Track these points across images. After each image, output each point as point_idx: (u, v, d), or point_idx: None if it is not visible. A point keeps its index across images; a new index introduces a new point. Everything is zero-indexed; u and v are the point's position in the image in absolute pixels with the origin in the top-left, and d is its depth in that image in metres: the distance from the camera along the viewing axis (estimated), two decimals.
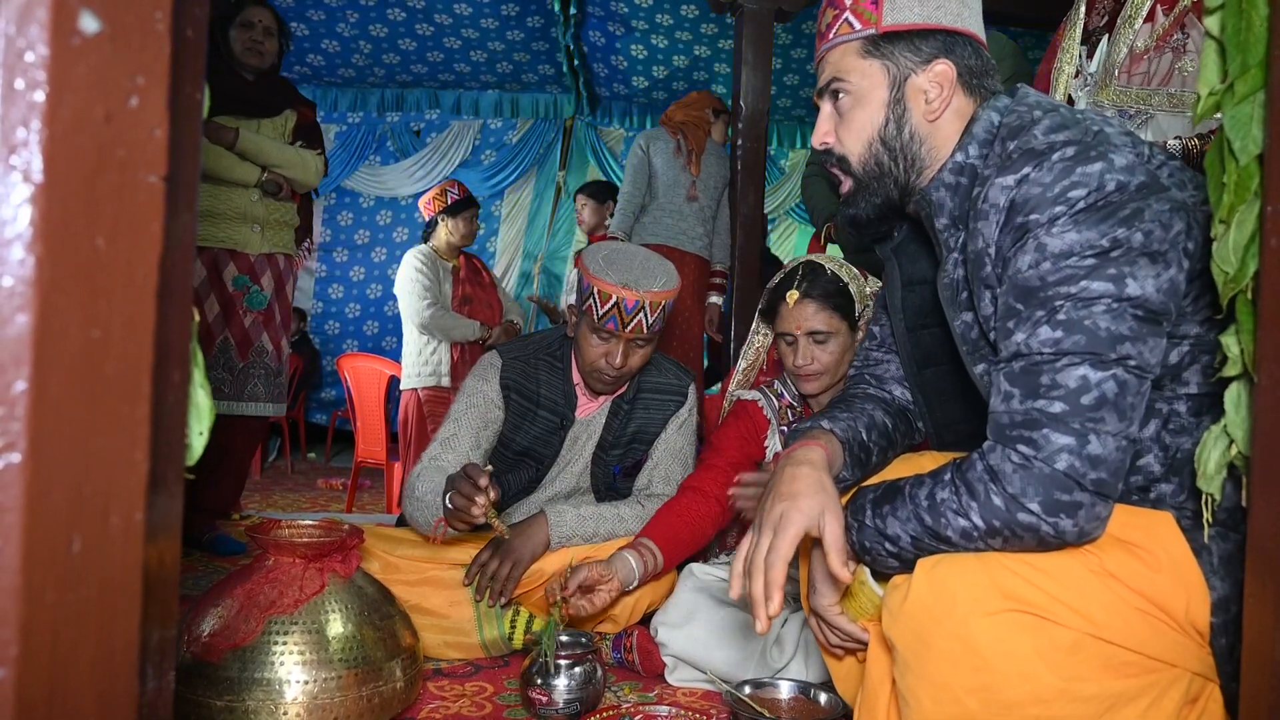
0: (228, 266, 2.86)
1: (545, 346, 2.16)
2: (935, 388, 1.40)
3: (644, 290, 1.92)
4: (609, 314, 1.93)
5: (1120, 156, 1.05)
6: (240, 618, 1.49)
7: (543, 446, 2.16)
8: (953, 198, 1.19)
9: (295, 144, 2.95)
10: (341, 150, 6.83)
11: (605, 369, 2.01)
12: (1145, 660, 1.01)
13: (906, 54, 1.21)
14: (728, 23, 5.65)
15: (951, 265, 1.21)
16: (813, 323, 1.97)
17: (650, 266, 1.98)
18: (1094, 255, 1.01)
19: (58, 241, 0.47)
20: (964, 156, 1.19)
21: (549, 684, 1.62)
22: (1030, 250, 1.05)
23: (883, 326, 1.50)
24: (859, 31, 1.23)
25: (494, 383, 2.11)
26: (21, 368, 0.46)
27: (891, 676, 1.16)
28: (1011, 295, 1.07)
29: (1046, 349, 1.03)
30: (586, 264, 1.98)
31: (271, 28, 2.91)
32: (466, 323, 3.87)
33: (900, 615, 1.08)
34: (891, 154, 1.24)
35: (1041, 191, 1.04)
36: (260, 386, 2.94)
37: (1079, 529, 1.01)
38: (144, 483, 0.53)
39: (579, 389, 2.15)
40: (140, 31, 0.51)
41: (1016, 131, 1.13)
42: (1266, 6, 0.83)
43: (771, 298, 2.07)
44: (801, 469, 1.19)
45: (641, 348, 2.02)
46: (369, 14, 5.82)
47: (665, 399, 2.20)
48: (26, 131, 0.46)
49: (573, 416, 2.15)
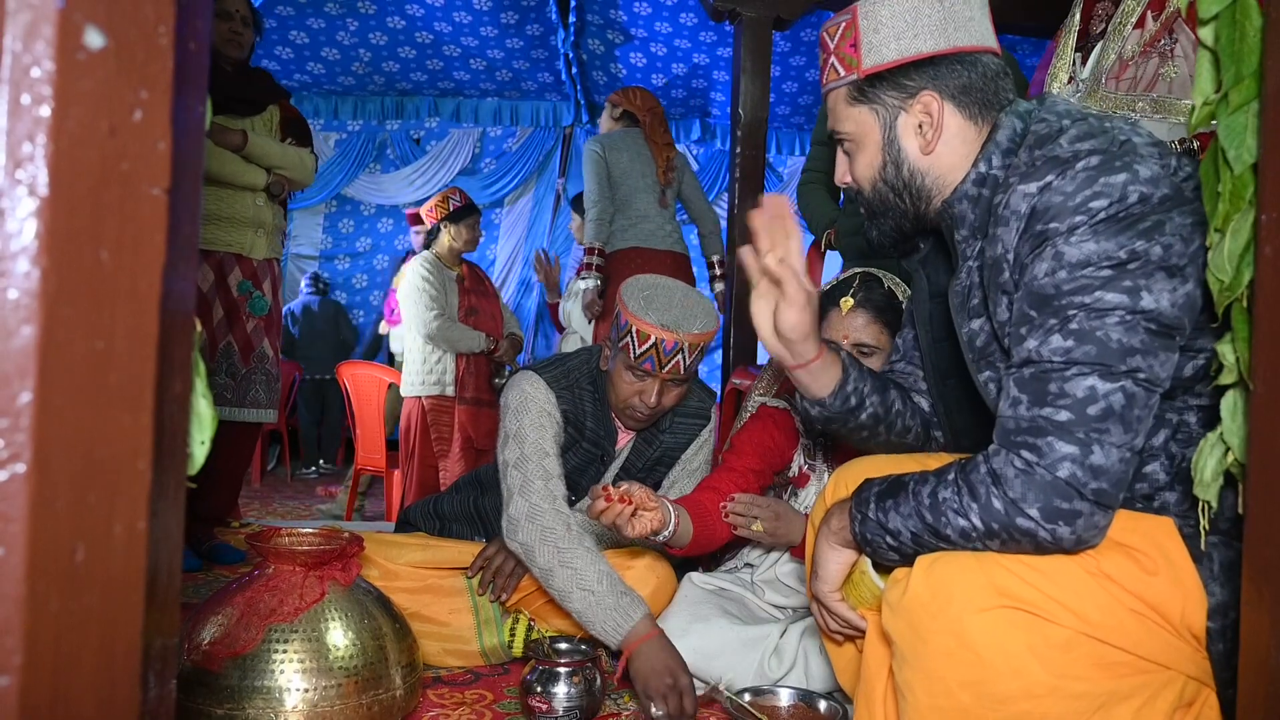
0: (233, 271, 2.84)
1: (584, 375, 2.09)
2: (955, 397, 1.41)
3: (684, 332, 1.87)
4: (646, 354, 1.89)
5: (1145, 168, 1.04)
6: (240, 626, 1.49)
7: (579, 476, 2.11)
8: (973, 209, 1.20)
9: (286, 140, 2.93)
10: (342, 158, 6.85)
11: (639, 407, 1.96)
12: (1138, 661, 1.02)
13: (891, 94, 1.22)
14: (726, 30, 5.66)
15: (965, 273, 1.22)
16: (862, 335, 1.90)
17: (690, 307, 1.92)
18: (1111, 266, 1.02)
19: (62, 254, 0.48)
20: (986, 167, 1.18)
21: (549, 692, 1.62)
22: (1048, 258, 1.05)
23: (905, 339, 1.51)
24: (844, 78, 1.24)
25: (557, 412, 2.02)
26: (26, 379, 0.47)
27: (888, 667, 1.17)
28: (1026, 302, 1.08)
29: (1057, 357, 1.03)
30: (626, 301, 1.93)
31: (248, 17, 2.84)
32: (473, 334, 3.87)
33: (898, 609, 1.09)
34: (895, 191, 1.26)
35: (1063, 200, 1.05)
36: (261, 392, 2.93)
37: (1076, 537, 1.02)
38: (147, 492, 0.53)
39: (617, 423, 2.11)
40: (144, 46, 0.52)
41: (1043, 140, 1.13)
42: (1260, 17, 0.84)
43: (823, 303, 1.98)
44: None
45: (677, 387, 1.97)
46: (369, 22, 5.84)
47: (692, 422, 2.18)
48: (32, 146, 0.47)
49: (612, 450, 2.12)
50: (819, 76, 1.34)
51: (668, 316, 1.88)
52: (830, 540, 1.25)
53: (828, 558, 1.26)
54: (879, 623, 1.20)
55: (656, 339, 1.86)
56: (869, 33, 1.21)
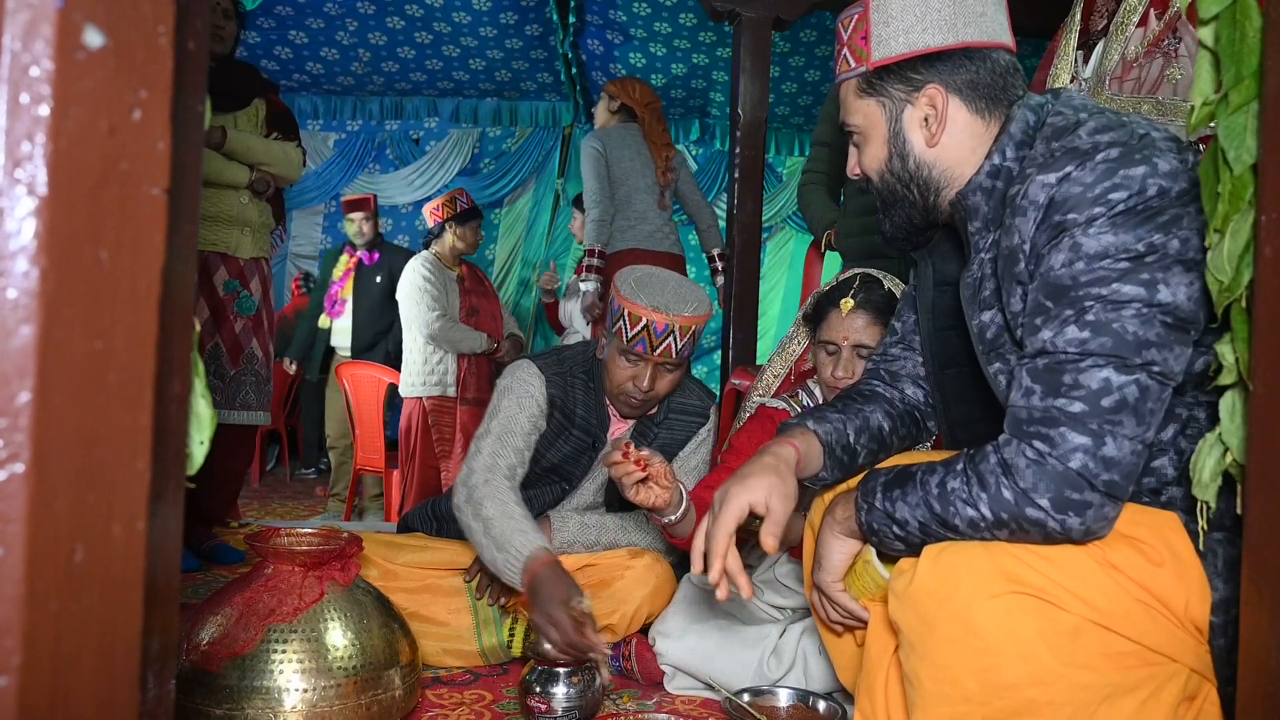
0: (218, 270, 2.79)
1: (580, 363, 2.13)
2: (954, 388, 1.41)
3: (674, 314, 1.91)
4: (638, 336, 1.93)
5: (1164, 162, 1.05)
6: (239, 626, 1.49)
7: (571, 465, 2.14)
8: (987, 201, 1.20)
9: (271, 135, 2.86)
10: (341, 158, 6.84)
11: (633, 392, 1.99)
12: (1144, 652, 1.02)
13: (898, 86, 1.23)
14: (726, 31, 5.66)
15: (977, 265, 1.22)
16: (862, 336, 1.90)
17: (682, 292, 1.97)
18: (1128, 259, 1.02)
19: (61, 254, 0.48)
20: (1000, 159, 1.19)
21: (548, 692, 1.62)
22: (1065, 249, 1.05)
23: (904, 323, 1.50)
24: (854, 70, 1.25)
25: (541, 396, 2.07)
26: (26, 379, 0.47)
27: (890, 658, 1.18)
28: (1042, 292, 1.08)
29: (1072, 348, 1.03)
30: (619, 286, 1.97)
31: (229, 9, 2.78)
32: (474, 335, 3.87)
33: (905, 598, 1.09)
34: (903, 183, 1.27)
35: (1082, 191, 1.05)
36: (251, 394, 2.88)
37: (1085, 527, 1.02)
38: (146, 492, 0.53)
39: (610, 411, 2.13)
40: (143, 45, 0.52)
41: (1061, 132, 1.13)
42: (1260, 18, 0.84)
43: (822, 304, 2.00)
44: (763, 459, 1.28)
45: (670, 372, 2.00)
46: (368, 22, 5.84)
47: (690, 420, 2.19)
48: (31, 145, 0.47)
49: (604, 438, 2.13)
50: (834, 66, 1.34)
51: (659, 299, 1.92)
52: (835, 529, 1.25)
53: (831, 547, 1.27)
54: (882, 613, 1.20)
55: (648, 321, 1.91)
56: (879, 25, 1.22)
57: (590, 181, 3.81)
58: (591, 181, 3.80)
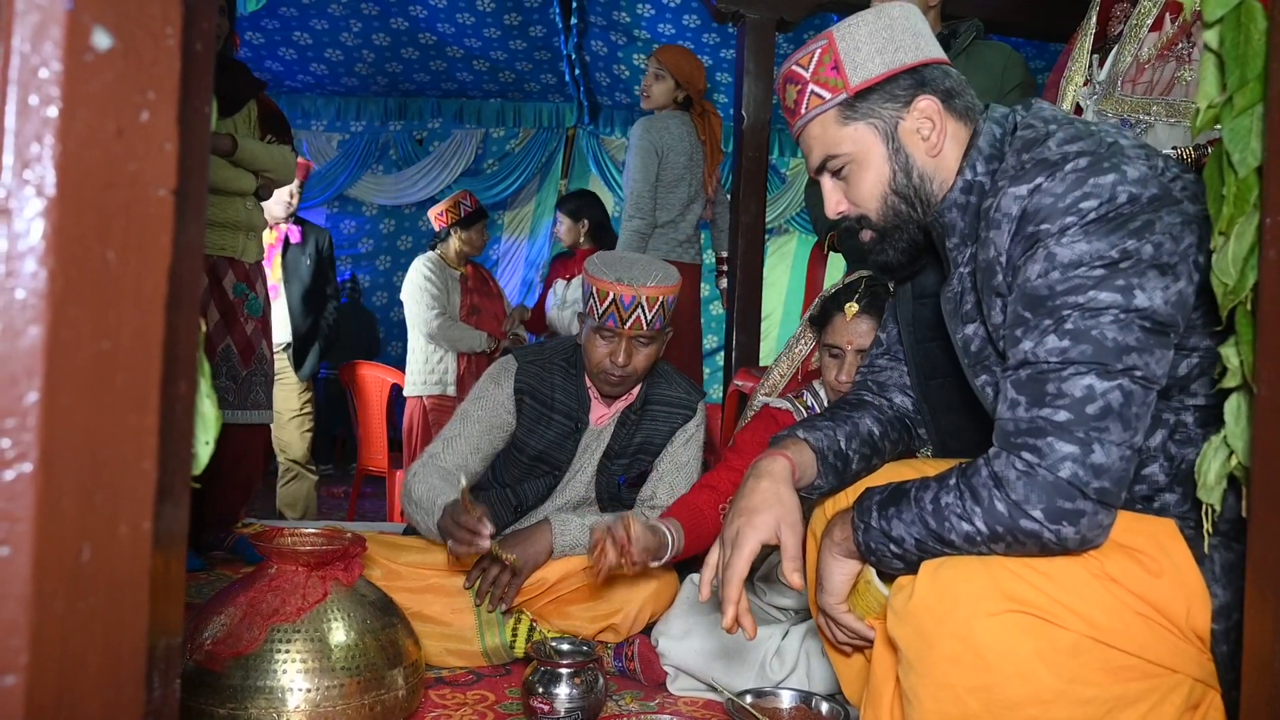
0: (227, 274, 2.86)
1: (560, 352, 2.21)
2: (940, 398, 1.41)
3: (639, 285, 1.98)
4: (608, 311, 2.00)
5: (1133, 169, 1.05)
6: (243, 626, 1.49)
7: (556, 451, 2.18)
8: (962, 216, 1.21)
9: (266, 138, 2.90)
10: (344, 159, 6.84)
11: (610, 369, 2.05)
12: (1145, 665, 1.02)
13: (885, 104, 1.22)
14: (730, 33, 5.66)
15: (956, 280, 1.23)
16: (865, 340, 1.90)
17: (648, 266, 2.04)
18: (1103, 266, 1.02)
19: (69, 255, 0.48)
20: (971, 174, 1.20)
21: (551, 692, 1.62)
22: (1040, 259, 1.06)
23: (888, 334, 1.51)
24: (831, 101, 1.24)
25: (507, 387, 2.15)
26: (33, 379, 0.47)
27: (895, 675, 1.17)
28: (1020, 304, 1.08)
29: (1053, 358, 1.04)
30: (587, 268, 2.05)
31: (223, 5, 2.75)
32: (474, 334, 3.87)
33: (904, 616, 1.09)
34: (907, 200, 1.26)
35: (1053, 202, 1.05)
36: (262, 394, 2.95)
37: (1081, 536, 1.02)
38: (152, 492, 0.53)
39: (592, 393, 2.18)
40: (152, 47, 0.52)
41: (1031, 144, 1.14)
42: (1265, 20, 0.84)
43: (827, 307, 2.01)
44: (761, 482, 1.28)
45: (645, 346, 2.06)
46: (372, 24, 5.84)
47: (673, 411, 2.23)
48: (40, 146, 0.47)
49: (587, 420, 2.18)
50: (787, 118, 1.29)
51: (624, 274, 2.00)
52: (833, 551, 1.25)
53: (832, 569, 1.26)
54: (886, 631, 1.19)
55: (615, 295, 1.98)
56: (850, 53, 1.22)
57: (640, 184, 3.28)
58: (641, 185, 3.27)
